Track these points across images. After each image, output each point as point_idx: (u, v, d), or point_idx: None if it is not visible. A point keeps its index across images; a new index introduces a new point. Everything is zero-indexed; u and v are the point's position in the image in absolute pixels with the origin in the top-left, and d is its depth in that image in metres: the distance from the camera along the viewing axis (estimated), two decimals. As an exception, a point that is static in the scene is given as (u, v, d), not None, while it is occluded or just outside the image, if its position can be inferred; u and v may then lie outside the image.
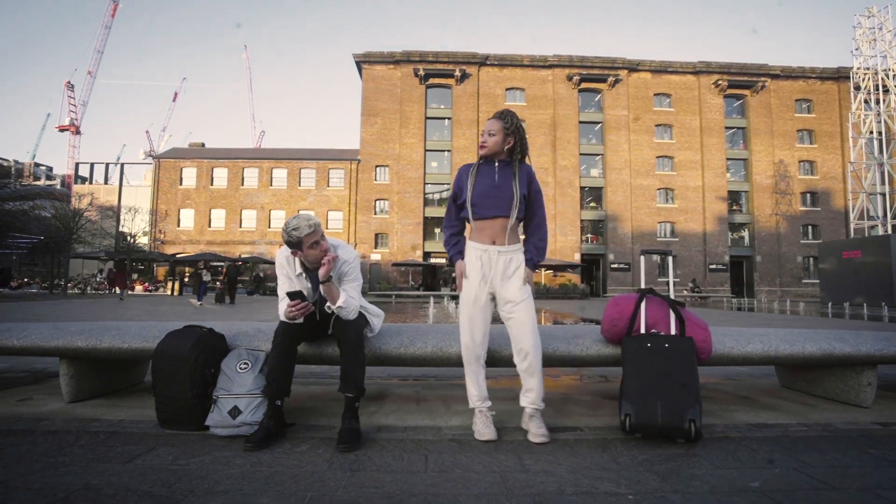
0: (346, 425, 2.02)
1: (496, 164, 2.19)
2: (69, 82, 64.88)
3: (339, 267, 2.25)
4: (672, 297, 2.36)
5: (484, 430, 2.07)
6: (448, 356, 2.42)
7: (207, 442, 2.00)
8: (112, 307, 12.87)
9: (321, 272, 2.11)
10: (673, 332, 2.21)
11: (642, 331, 2.25)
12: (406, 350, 2.44)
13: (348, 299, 2.16)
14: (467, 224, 2.25)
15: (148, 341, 2.42)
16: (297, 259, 2.26)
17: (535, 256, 2.20)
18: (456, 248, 2.26)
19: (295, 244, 2.14)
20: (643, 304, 2.29)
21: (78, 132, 65.45)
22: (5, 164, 54.65)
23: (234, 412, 2.04)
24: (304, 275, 2.27)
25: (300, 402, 2.64)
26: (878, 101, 26.87)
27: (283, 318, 2.16)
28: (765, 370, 3.77)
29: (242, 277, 27.67)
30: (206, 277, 16.23)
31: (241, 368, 2.14)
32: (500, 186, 2.13)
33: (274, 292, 25.05)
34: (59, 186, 51.42)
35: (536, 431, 2.05)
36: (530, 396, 2.12)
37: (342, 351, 2.15)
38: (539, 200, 2.24)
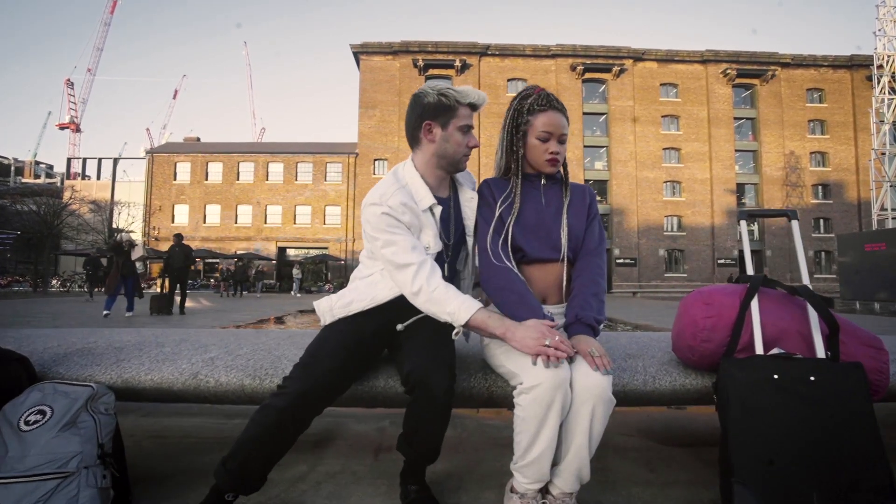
0: (416, 496, 1.27)
1: (542, 181, 1.42)
2: (69, 80, 63.82)
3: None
4: (809, 286, 1.34)
5: None
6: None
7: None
8: (73, 304, 11.92)
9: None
10: (819, 352, 1.23)
11: (758, 350, 1.27)
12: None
13: None
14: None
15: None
16: (422, 183, 1.37)
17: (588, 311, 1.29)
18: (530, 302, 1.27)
19: (445, 109, 1.33)
20: (754, 303, 1.31)
21: (78, 130, 64.39)
22: (5, 161, 53.90)
23: (1, 510, 1.07)
24: (432, 209, 1.36)
25: (165, 446, 1.65)
26: (900, 86, 25.61)
27: (467, 313, 1.20)
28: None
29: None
30: (137, 255, 6.66)
31: (27, 423, 1.16)
32: (553, 215, 1.39)
33: (271, 289, 24.00)
34: (59, 184, 50.59)
35: None
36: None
37: (415, 398, 1.21)
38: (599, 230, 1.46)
